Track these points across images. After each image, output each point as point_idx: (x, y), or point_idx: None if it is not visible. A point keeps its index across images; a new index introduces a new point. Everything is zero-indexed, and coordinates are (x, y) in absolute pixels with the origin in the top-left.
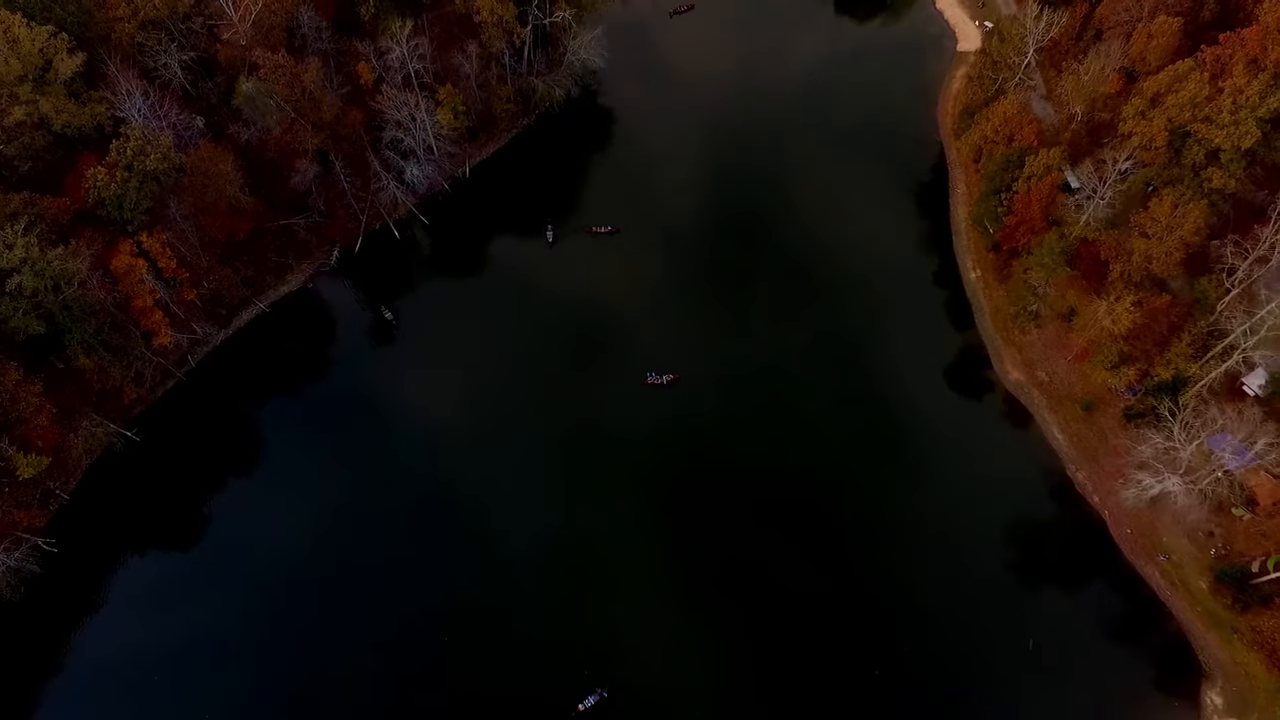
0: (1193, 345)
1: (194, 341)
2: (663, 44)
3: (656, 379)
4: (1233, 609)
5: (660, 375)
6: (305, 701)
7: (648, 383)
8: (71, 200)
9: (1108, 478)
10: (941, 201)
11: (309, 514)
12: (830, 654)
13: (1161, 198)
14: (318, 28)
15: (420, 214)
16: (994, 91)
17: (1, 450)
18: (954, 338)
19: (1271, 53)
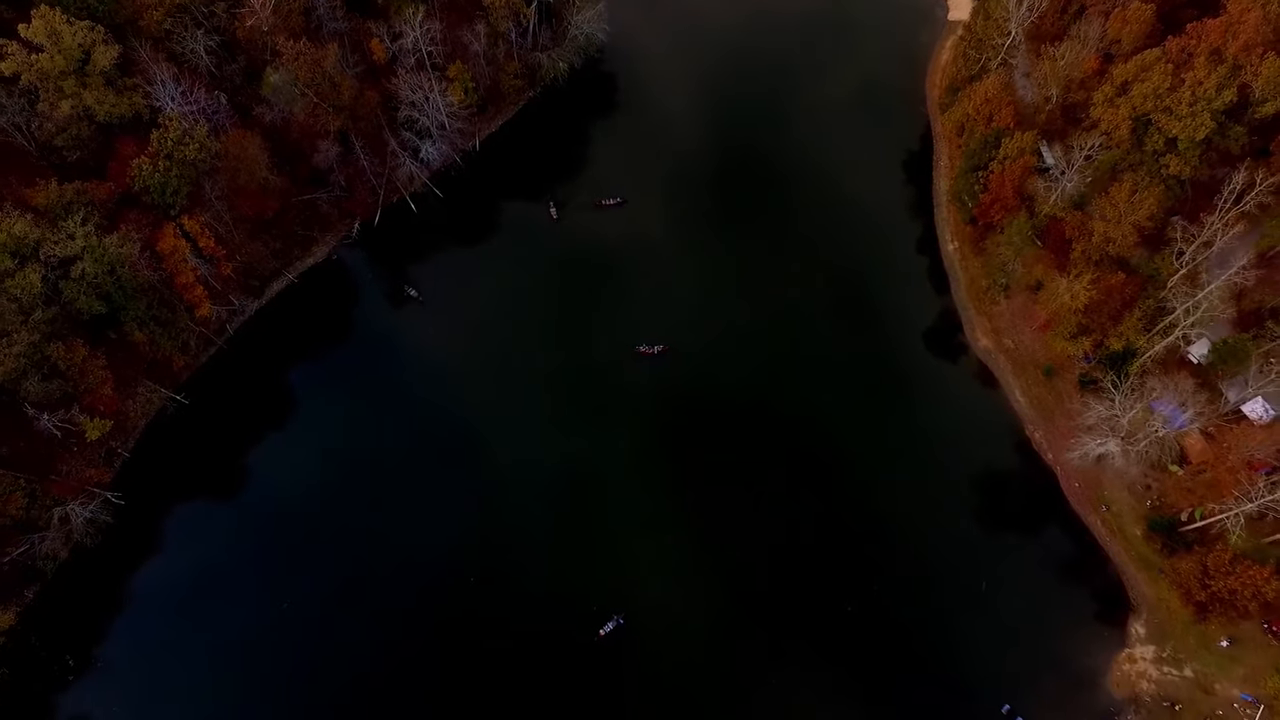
0: (1143, 319)
1: (231, 312)
2: (660, 11)
3: (649, 349)
4: (1161, 553)
5: (652, 345)
6: (340, 631)
7: (641, 352)
8: (115, 184)
9: (1061, 437)
10: (927, 173)
11: (338, 461)
12: (809, 587)
13: (1121, 182)
14: (332, 7)
15: (434, 187)
16: (977, 70)
17: (72, 417)
18: (932, 304)
19: (1232, 45)
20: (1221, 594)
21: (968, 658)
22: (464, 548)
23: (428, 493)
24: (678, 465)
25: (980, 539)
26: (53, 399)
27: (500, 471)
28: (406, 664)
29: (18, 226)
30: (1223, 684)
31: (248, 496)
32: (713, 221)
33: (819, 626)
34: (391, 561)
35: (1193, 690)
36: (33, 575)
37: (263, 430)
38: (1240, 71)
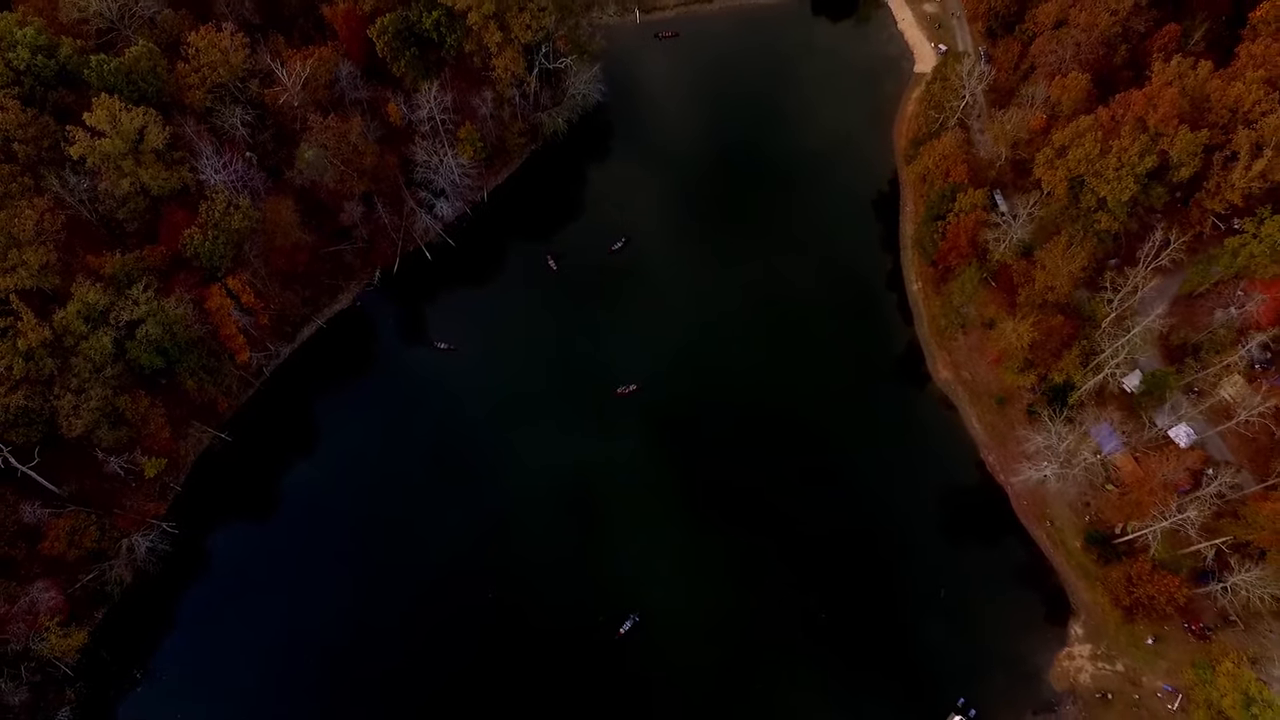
0: (1080, 356)
1: (267, 356)
2: (649, 72)
3: (624, 390)
4: (1097, 563)
5: (627, 386)
6: (373, 635)
7: (618, 393)
8: (166, 248)
9: (1011, 460)
10: (895, 216)
11: (366, 485)
12: (788, 594)
13: (1059, 237)
14: (353, 78)
15: (448, 237)
16: (937, 128)
17: (135, 458)
18: (900, 338)
19: (1153, 116)
20: (1143, 599)
21: (928, 656)
22: (489, 558)
23: (451, 509)
24: (673, 481)
25: (940, 550)
26: (120, 444)
27: (516, 489)
28: (442, 665)
29: (90, 295)
30: (1148, 676)
31: (287, 520)
32: (701, 257)
33: (796, 631)
34: (422, 574)
35: (1123, 683)
36: (102, 598)
37: (298, 460)
38: (1160, 139)
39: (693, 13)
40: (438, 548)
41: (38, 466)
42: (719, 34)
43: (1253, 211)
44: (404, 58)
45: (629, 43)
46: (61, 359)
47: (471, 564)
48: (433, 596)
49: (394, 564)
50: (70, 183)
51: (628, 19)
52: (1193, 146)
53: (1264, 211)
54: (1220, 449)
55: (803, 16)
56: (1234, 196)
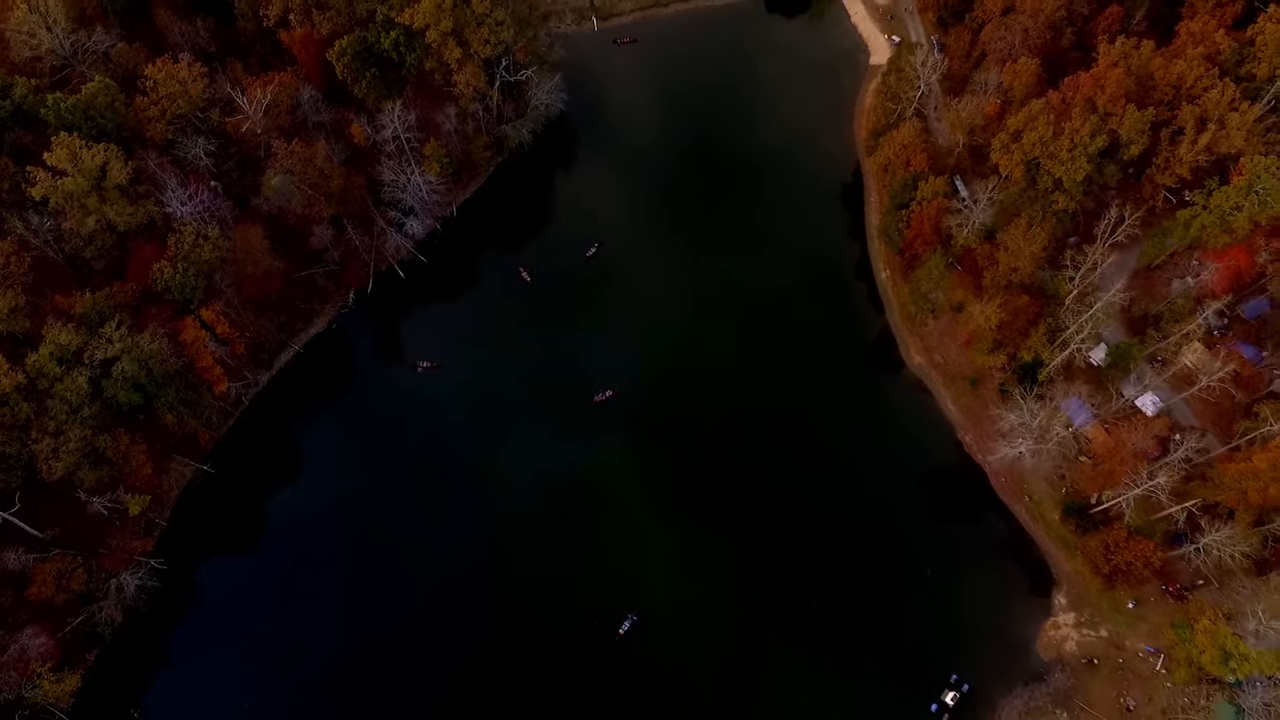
0: (1047, 334)
1: (246, 385)
2: (611, 80)
3: (600, 396)
4: (1075, 533)
5: (602, 392)
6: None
7: (595, 401)
8: (136, 283)
9: (987, 439)
10: (861, 208)
11: (354, 505)
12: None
13: (1019, 219)
14: (315, 102)
15: (420, 254)
16: (895, 119)
17: (118, 496)
18: (872, 326)
19: (1101, 97)
20: (1121, 565)
21: (920, 636)
22: (482, 570)
23: (441, 525)
24: (660, 481)
25: (924, 531)
26: (102, 484)
27: (505, 501)
28: (443, 680)
29: (62, 336)
30: (1131, 639)
31: (276, 548)
32: (674, 257)
33: (791, 620)
34: (416, 591)
35: (1107, 647)
36: (93, 640)
37: (283, 488)
38: (1109, 119)
39: (650, 17)
40: (430, 564)
41: (19, 512)
42: (677, 36)
43: (1201, 184)
44: (365, 79)
45: (588, 50)
46: (37, 402)
47: (466, 577)
48: (428, 613)
49: (387, 583)
50: (34, 224)
51: (585, 27)
52: (1140, 124)
53: (1212, 183)
54: (1185, 414)
55: (758, 15)
56: (1183, 170)
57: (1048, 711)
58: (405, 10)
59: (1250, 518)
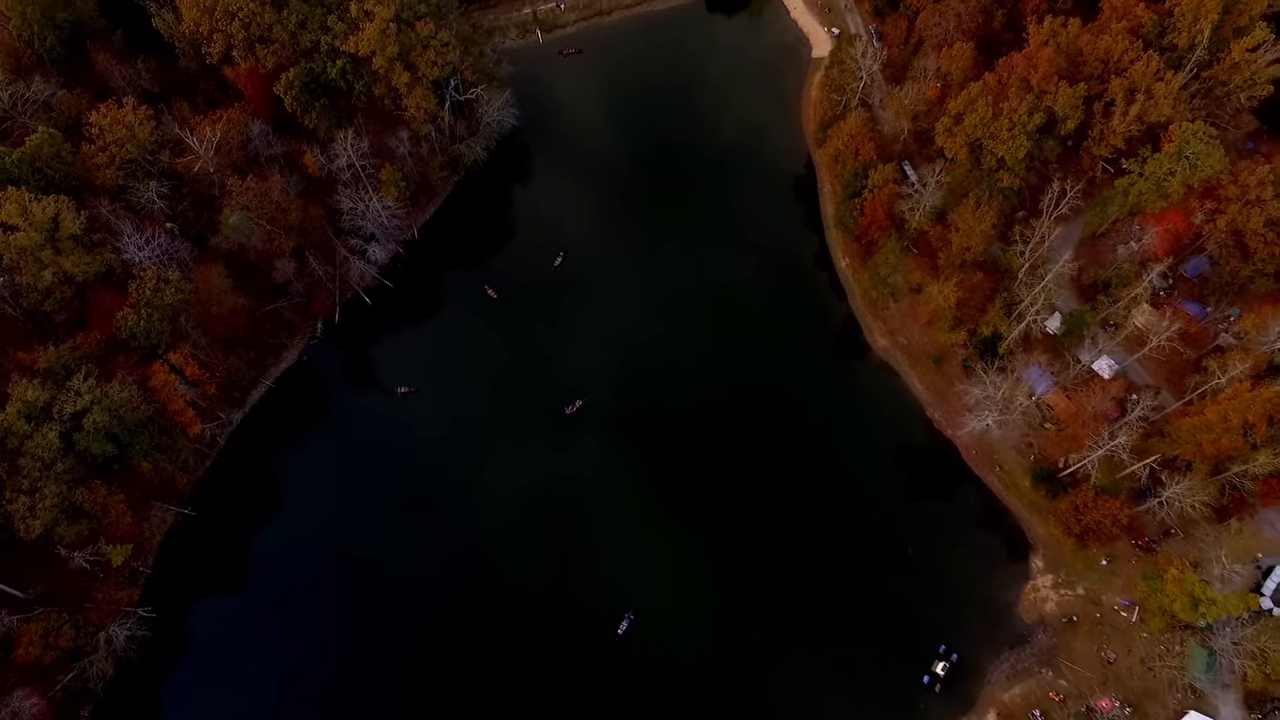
0: (1003, 308)
1: (220, 425)
2: (561, 85)
3: (571, 408)
4: (1046, 498)
5: (573, 402)
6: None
7: (567, 413)
8: (100, 332)
9: (955, 414)
10: (816, 199)
11: (338, 534)
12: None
13: (967, 200)
14: (266, 136)
15: (385, 279)
16: (841, 109)
17: (99, 549)
18: (835, 313)
19: (1035, 76)
20: (1092, 525)
21: (906, 612)
22: (475, 586)
23: (429, 547)
24: (644, 482)
25: (902, 510)
26: (82, 537)
27: (493, 516)
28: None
29: (29, 393)
30: (1107, 595)
31: (263, 585)
32: (639, 259)
33: (781, 608)
34: (410, 614)
35: (1085, 604)
36: (86, 696)
37: (266, 524)
38: (1044, 97)
39: (593, 26)
40: (420, 585)
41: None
42: (622, 43)
43: (1135, 153)
44: (315, 109)
45: (536, 63)
46: (9, 461)
47: (458, 595)
48: (423, 633)
49: (378, 608)
50: None
51: (530, 40)
52: (1074, 100)
53: (1145, 151)
54: (1140, 374)
55: (699, 16)
56: (1117, 141)
57: (1034, 672)
58: (350, 38)
59: (1207, 468)
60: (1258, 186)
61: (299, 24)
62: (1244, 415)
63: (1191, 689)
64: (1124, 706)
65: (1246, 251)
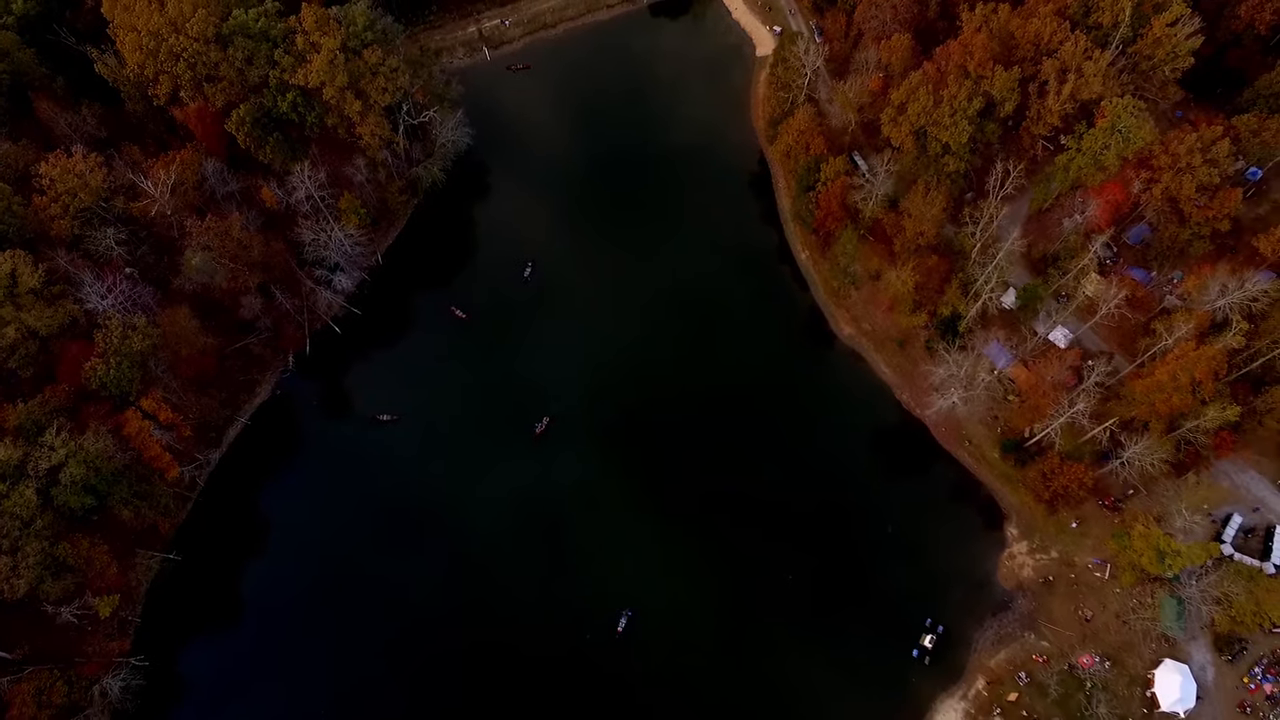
0: (960, 288)
1: (198, 466)
2: (513, 100)
3: (540, 427)
4: (1015, 468)
5: (541, 422)
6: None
7: (537, 432)
8: (69, 385)
9: (922, 394)
10: (771, 195)
11: (327, 567)
12: (757, 567)
13: (916, 188)
14: (221, 174)
15: (352, 307)
16: (789, 106)
17: (86, 602)
18: (800, 306)
19: (971, 62)
20: (1060, 490)
21: (891, 589)
22: (471, 603)
23: (421, 569)
24: (630, 485)
25: (880, 491)
26: (68, 592)
27: (483, 533)
28: None
29: (2, 452)
30: (1079, 555)
31: (256, 622)
32: (605, 264)
33: (772, 596)
34: (407, 638)
35: (1059, 566)
36: None
37: (251, 560)
38: (981, 82)
39: (540, 39)
40: (414, 608)
41: None
42: (570, 54)
43: (1072, 130)
44: (268, 144)
45: (486, 81)
46: None
47: (454, 613)
48: (424, 657)
49: (376, 636)
50: None
51: (478, 58)
52: (1010, 83)
53: (1081, 127)
54: (1094, 341)
55: (643, 22)
56: (1054, 119)
57: (1017, 636)
58: (298, 71)
59: (1162, 427)
60: (1187, 155)
61: (245, 60)
62: (1191, 373)
63: (1165, 638)
64: (1104, 661)
65: (1183, 216)
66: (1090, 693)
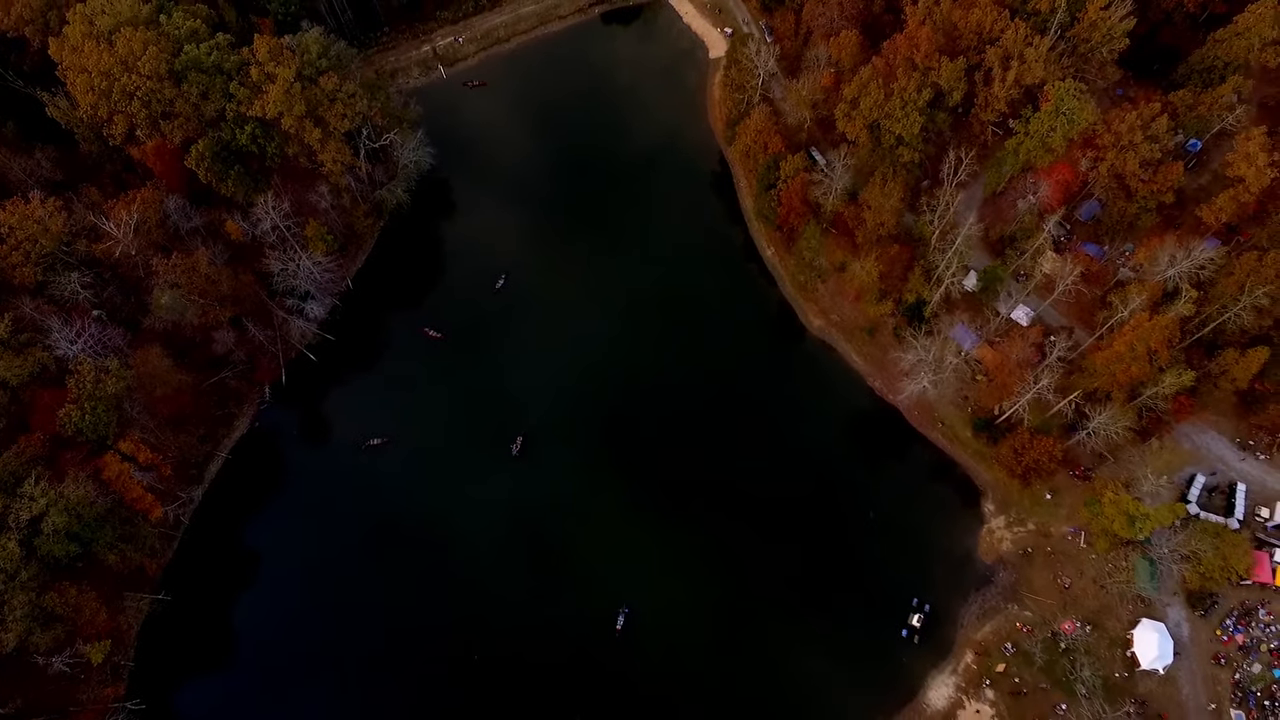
0: (923, 274)
1: (181, 504)
2: (472, 116)
3: (515, 445)
4: (987, 445)
5: (515, 440)
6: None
7: (514, 453)
8: (44, 433)
9: (894, 380)
10: (734, 195)
11: (321, 595)
12: (747, 560)
13: (873, 180)
14: (184, 209)
15: (325, 333)
16: (744, 107)
17: (77, 650)
18: (769, 301)
19: (918, 55)
20: (1031, 464)
21: (877, 573)
22: (467, 619)
23: (411, 587)
24: (616, 489)
25: (859, 478)
26: (58, 642)
27: (474, 549)
28: None
29: None
30: (1055, 525)
31: (248, 654)
32: (577, 271)
33: (762, 586)
34: (404, 661)
35: (1036, 538)
36: None
37: (242, 595)
38: (929, 73)
39: (494, 54)
40: (411, 630)
41: None
42: (525, 67)
43: (1019, 114)
44: (230, 177)
45: (443, 99)
46: None
47: (450, 631)
48: (423, 677)
49: (372, 660)
50: None
51: (434, 77)
52: (956, 72)
53: (1027, 112)
54: (1055, 317)
55: (596, 31)
56: (1000, 105)
57: (1001, 608)
58: (255, 103)
59: (1123, 396)
60: (1129, 132)
61: (201, 95)
62: (1147, 343)
63: (1141, 599)
64: (1084, 625)
65: (1129, 191)
66: (1074, 657)
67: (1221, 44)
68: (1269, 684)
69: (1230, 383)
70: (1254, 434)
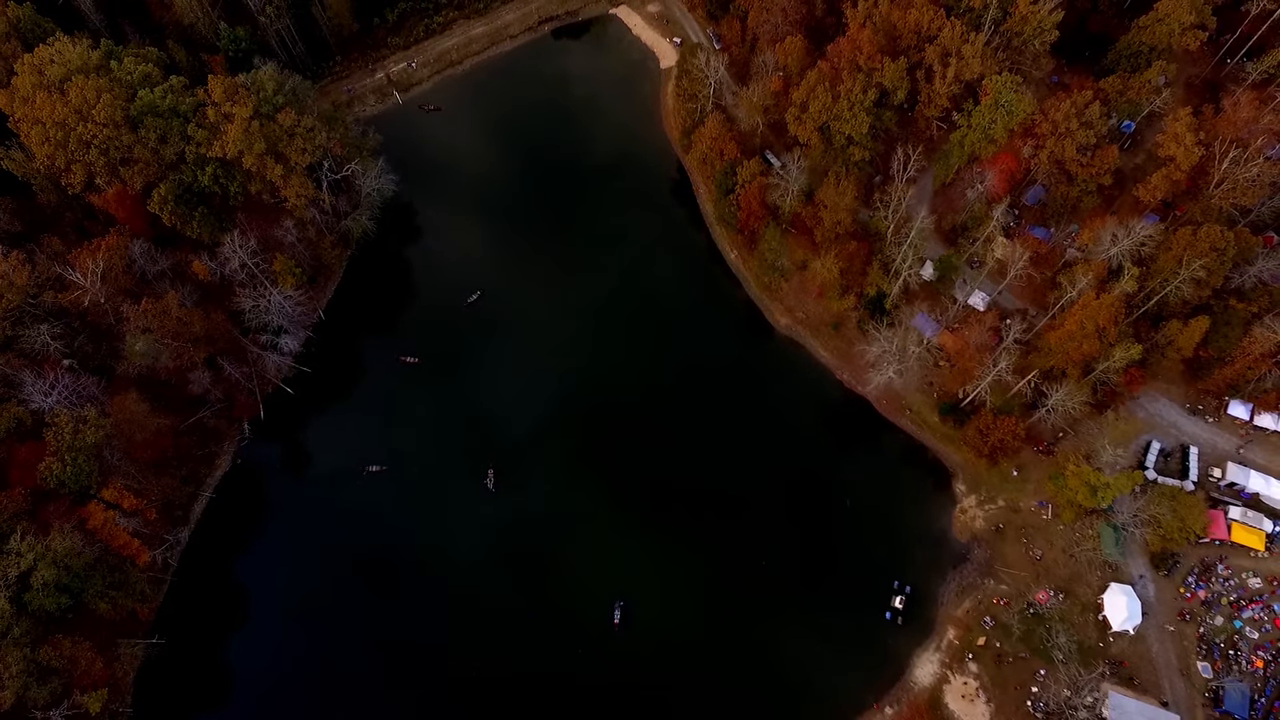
0: (881, 268)
1: (169, 547)
2: (431, 140)
3: (489, 479)
4: (954, 428)
5: (487, 474)
6: None
7: (487, 488)
8: (24, 487)
9: (861, 372)
10: (694, 201)
11: (317, 626)
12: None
13: (828, 180)
14: (149, 253)
15: (301, 365)
16: (698, 116)
17: (75, 701)
18: (736, 303)
19: (861, 57)
20: (996, 443)
21: (858, 559)
22: (465, 636)
23: (406, 609)
24: (605, 494)
25: (834, 467)
26: (55, 695)
27: (459, 565)
28: None
29: None
30: (1023, 501)
31: (246, 693)
32: (550, 284)
33: (750, 580)
34: (400, 679)
35: (1007, 513)
36: None
37: (236, 632)
38: (873, 74)
39: (448, 77)
40: (406, 655)
41: None
42: (480, 88)
43: (961, 108)
44: (194, 219)
45: (401, 125)
46: None
47: (447, 652)
48: (422, 698)
49: (370, 684)
50: None
51: (390, 103)
52: (898, 72)
53: (968, 105)
54: (1010, 301)
55: (547, 48)
56: (943, 101)
57: (978, 584)
58: (214, 143)
59: (1078, 372)
60: (1064, 120)
61: (159, 139)
62: (1096, 320)
63: (1108, 564)
64: (1058, 594)
65: (1070, 176)
66: (1049, 625)
67: (1145, 29)
68: (1230, 634)
69: (1176, 352)
70: (1201, 398)
